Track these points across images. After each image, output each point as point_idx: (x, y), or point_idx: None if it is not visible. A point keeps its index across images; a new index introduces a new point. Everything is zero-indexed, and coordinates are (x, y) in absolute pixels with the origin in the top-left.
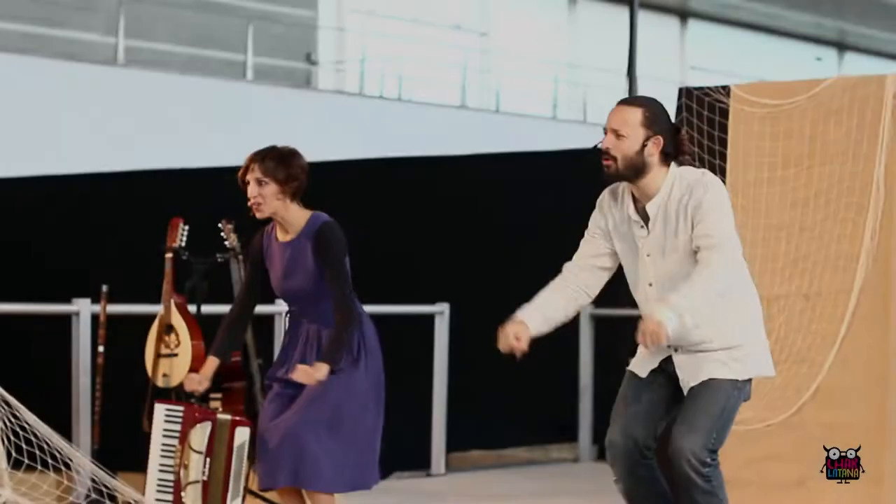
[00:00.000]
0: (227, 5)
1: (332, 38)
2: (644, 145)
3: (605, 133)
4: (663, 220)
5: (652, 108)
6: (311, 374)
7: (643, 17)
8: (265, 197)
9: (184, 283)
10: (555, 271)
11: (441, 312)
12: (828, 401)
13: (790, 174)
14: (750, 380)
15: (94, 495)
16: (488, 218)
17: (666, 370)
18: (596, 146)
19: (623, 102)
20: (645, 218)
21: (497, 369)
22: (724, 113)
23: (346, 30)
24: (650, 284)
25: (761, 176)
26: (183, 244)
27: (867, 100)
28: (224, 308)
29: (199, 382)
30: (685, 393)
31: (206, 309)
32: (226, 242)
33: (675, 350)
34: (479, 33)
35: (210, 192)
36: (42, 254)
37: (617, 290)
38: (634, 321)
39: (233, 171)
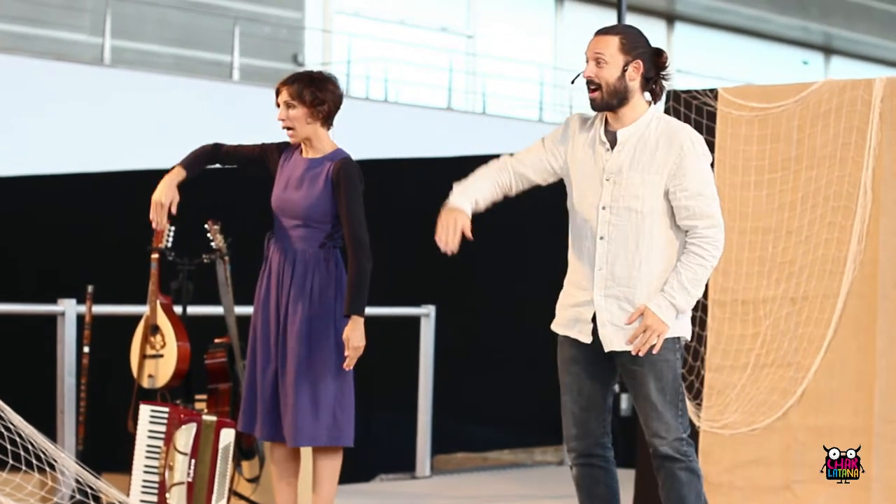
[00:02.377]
0: (214, 6)
1: (319, 39)
2: (624, 70)
3: (587, 62)
4: (633, 148)
5: (628, 34)
6: (351, 343)
7: (629, 20)
8: (294, 120)
9: (169, 283)
10: (540, 273)
11: (427, 314)
12: (814, 405)
13: (777, 177)
14: (680, 338)
15: (78, 496)
16: (474, 220)
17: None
18: (575, 79)
19: (600, 31)
20: (612, 142)
21: (482, 371)
22: (712, 116)
23: (332, 31)
24: (603, 208)
25: (748, 179)
26: (169, 245)
27: (855, 103)
28: (210, 309)
29: (165, 195)
30: (605, 347)
31: (192, 310)
32: (212, 243)
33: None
34: (465, 35)
35: (196, 193)
36: (27, 254)
37: None
38: None
39: (218, 172)
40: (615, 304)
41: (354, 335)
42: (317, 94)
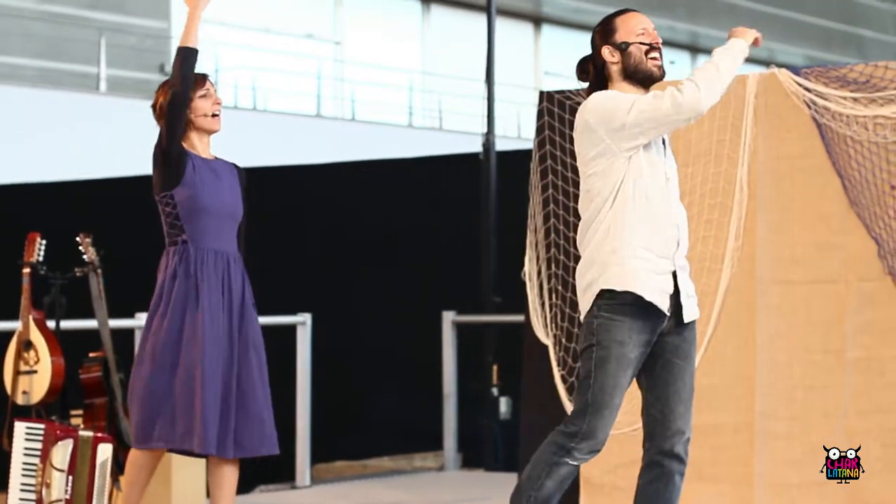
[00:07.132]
0: (79, 17)
1: None
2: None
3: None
4: None
5: None
6: None
7: (497, 24)
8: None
9: (42, 298)
10: (414, 278)
11: (303, 323)
12: (696, 402)
13: None
14: None
15: None
16: (347, 226)
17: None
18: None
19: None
20: None
21: (359, 379)
22: None
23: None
24: (668, 179)
25: None
26: (40, 259)
27: (729, 100)
28: (84, 323)
29: None
30: (685, 318)
31: (66, 324)
32: (84, 256)
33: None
34: (332, 42)
35: (67, 206)
36: None
37: (479, 297)
38: (497, 327)
39: (88, 184)
40: (686, 275)
41: None
42: None
